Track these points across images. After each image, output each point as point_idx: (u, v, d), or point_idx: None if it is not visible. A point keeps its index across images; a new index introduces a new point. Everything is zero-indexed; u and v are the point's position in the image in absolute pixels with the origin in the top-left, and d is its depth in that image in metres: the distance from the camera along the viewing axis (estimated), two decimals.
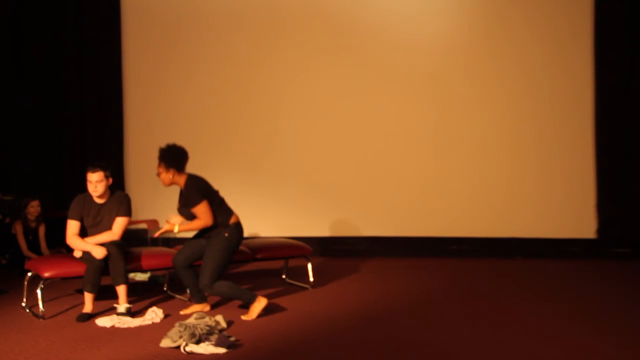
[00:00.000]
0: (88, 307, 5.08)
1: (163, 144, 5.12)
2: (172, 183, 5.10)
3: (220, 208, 5.15)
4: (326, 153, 8.08)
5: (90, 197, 5.22)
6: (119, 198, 5.28)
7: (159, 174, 5.08)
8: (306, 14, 8.13)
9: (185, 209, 5.11)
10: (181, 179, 5.09)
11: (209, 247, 5.07)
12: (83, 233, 5.21)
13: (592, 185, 7.69)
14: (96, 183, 5.12)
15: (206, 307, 5.27)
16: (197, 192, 5.03)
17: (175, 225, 5.14)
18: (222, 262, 5.06)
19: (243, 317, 4.95)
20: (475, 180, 7.88)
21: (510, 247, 7.75)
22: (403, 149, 8.01)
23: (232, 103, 8.22)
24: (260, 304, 5.00)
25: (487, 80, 7.88)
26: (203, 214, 5.01)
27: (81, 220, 5.19)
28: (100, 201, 5.22)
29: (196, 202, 5.00)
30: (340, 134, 8.06)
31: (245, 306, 5.12)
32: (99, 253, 5.01)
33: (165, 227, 5.19)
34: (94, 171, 5.13)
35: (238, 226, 5.20)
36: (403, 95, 8.00)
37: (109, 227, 5.21)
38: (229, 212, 5.20)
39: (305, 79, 8.12)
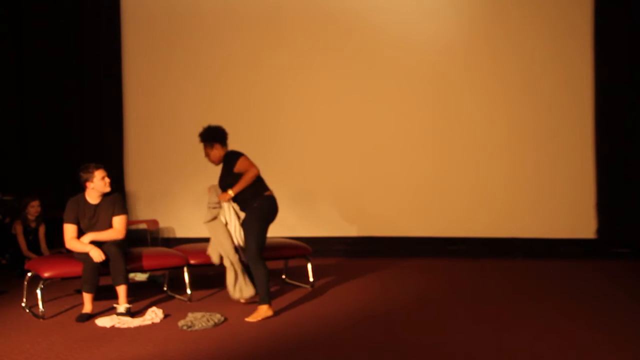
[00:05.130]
0: (87, 307, 5.08)
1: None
2: (220, 158, 5.30)
3: (256, 181, 5.24)
4: (326, 153, 8.08)
5: (84, 199, 5.23)
6: (113, 197, 5.31)
7: (207, 156, 5.32)
8: (306, 15, 8.13)
9: (228, 174, 5.21)
10: (224, 153, 5.31)
11: (244, 223, 5.18)
12: (80, 235, 5.22)
13: (592, 185, 7.69)
14: (107, 178, 5.23)
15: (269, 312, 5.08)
16: (234, 153, 5.26)
17: (227, 193, 5.18)
18: (260, 230, 5.12)
19: (248, 319, 4.92)
20: (475, 180, 7.88)
21: (510, 247, 7.74)
22: (403, 149, 8.00)
23: (232, 103, 8.21)
24: (267, 312, 4.96)
25: (487, 80, 7.88)
26: (248, 166, 5.19)
27: (77, 223, 5.20)
28: (95, 202, 5.24)
29: (236, 159, 5.19)
30: (340, 134, 8.06)
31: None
32: (97, 257, 5.02)
33: (221, 197, 5.22)
34: (102, 167, 5.23)
35: (271, 197, 5.27)
36: (403, 95, 8.00)
37: (105, 227, 5.23)
38: (264, 185, 5.31)
39: (305, 79, 8.12)
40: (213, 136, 5.30)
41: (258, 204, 5.17)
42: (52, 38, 8.29)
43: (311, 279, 6.12)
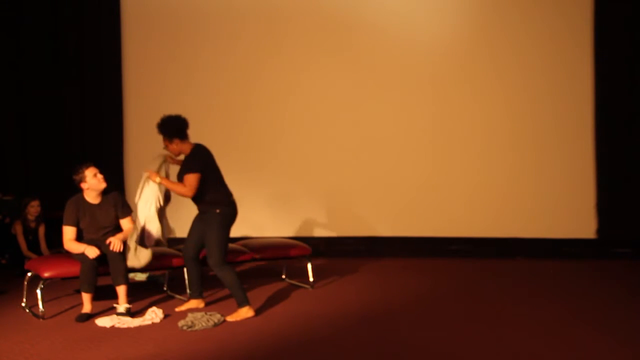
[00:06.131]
0: (87, 307, 5.08)
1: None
2: (180, 152, 5.15)
3: (216, 186, 5.14)
4: (326, 153, 8.07)
5: (83, 199, 5.24)
6: (112, 196, 5.33)
7: (166, 148, 5.15)
8: (306, 16, 8.12)
9: (181, 174, 5.13)
10: (186, 147, 5.12)
11: (206, 228, 5.08)
12: (80, 235, 5.24)
13: (592, 185, 7.69)
14: (100, 175, 5.22)
15: (201, 304, 5.33)
16: (196, 162, 5.05)
17: (157, 176, 5.16)
18: (222, 237, 5.08)
19: (228, 318, 4.96)
20: (475, 180, 7.88)
21: (510, 247, 7.74)
22: (403, 149, 8.01)
23: (233, 104, 8.21)
24: (247, 312, 5.02)
25: (487, 80, 7.88)
26: (190, 184, 5.00)
27: (77, 224, 5.21)
28: (94, 202, 5.25)
29: (189, 171, 5.00)
30: (340, 135, 8.06)
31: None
32: (92, 253, 5.02)
33: (145, 174, 5.24)
34: (92, 165, 5.23)
35: (231, 202, 5.19)
36: (403, 95, 8.00)
37: (106, 225, 5.26)
38: (225, 192, 5.19)
39: (305, 80, 8.11)
40: (172, 131, 5.06)
41: (220, 210, 5.10)
42: (52, 38, 8.29)
43: (311, 279, 6.12)
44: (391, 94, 8.01)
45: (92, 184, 5.21)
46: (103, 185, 5.25)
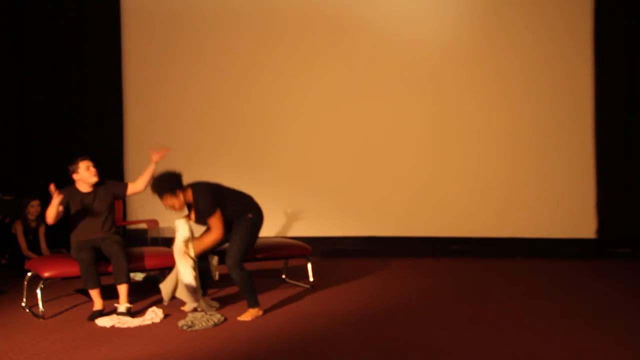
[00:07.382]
0: (98, 304, 5.08)
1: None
2: (185, 203, 5.05)
3: (235, 198, 5.16)
4: (326, 153, 8.08)
5: (75, 188, 5.33)
6: (107, 183, 5.42)
7: (172, 207, 4.98)
8: (306, 16, 8.14)
9: (201, 219, 5.08)
10: (188, 194, 5.04)
11: (235, 230, 5.09)
12: (66, 223, 5.30)
13: (592, 185, 7.70)
14: (92, 168, 5.30)
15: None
16: (209, 202, 4.99)
17: (190, 250, 5.03)
18: (249, 242, 5.12)
19: (239, 318, 4.97)
20: (475, 180, 7.88)
21: (510, 247, 7.75)
22: (403, 149, 8.01)
23: (232, 104, 8.22)
24: (258, 312, 5.05)
25: (487, 80, 7.89)
26: (216, 224, 4.98)
27: (67, 206, 5.23)
28: (86, 190, 5.31)
29: (211, 213, 4.96)
30: (340, 134, 8.07)
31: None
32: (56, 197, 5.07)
33: (185, 253, 5.03)
34: (87, 158, 5.33)
35: (261, 211, 5.24)
36: (403, 95, 8.01)
37: (102, 210, 5.28)
38: (246, 197, 5.24)
39: (304, 80, 8.13)
40: (172, 186, 4.94)
41: (253, 215, 5.15)
42: (53, 39, 8.30)
43: (311, 279, 6.12)
44: (391, 94, 8.02)
45: (84, 176, 5.29)
46: (94, 179, 5.31)
